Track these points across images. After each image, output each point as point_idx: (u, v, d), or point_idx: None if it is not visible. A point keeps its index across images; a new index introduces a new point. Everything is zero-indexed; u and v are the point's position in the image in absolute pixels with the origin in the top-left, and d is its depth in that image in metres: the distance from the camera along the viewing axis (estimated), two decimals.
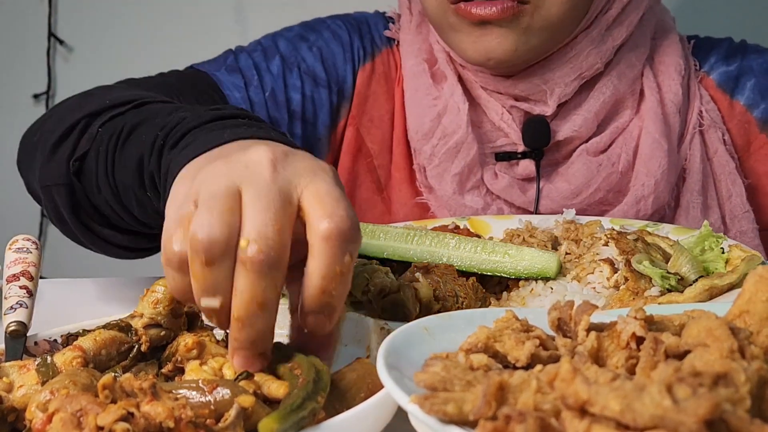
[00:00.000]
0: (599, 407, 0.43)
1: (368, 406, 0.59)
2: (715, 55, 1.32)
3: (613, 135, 1.26)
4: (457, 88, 1.25)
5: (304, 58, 1.30)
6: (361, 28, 1.35)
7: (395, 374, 0.53)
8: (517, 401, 0.47)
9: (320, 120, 1.30)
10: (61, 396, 0.59)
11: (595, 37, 1.21)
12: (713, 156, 1.28)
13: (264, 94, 1.27)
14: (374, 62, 1.33)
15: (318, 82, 1.30)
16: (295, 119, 1.29)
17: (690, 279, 0.90)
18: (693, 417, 0.41)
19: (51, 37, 2.34)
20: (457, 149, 1.24)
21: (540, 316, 0.59)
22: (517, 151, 1.26)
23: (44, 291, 1.15)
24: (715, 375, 0.45)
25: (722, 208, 1.29)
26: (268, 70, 1.29)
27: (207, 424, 0.58)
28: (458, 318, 0.63)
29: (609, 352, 0.52)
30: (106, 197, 0.94)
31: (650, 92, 1.26)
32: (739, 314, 0.53)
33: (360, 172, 1.33)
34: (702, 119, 1.28)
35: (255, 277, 0.60)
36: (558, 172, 1.27)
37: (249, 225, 0.61)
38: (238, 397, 0.60)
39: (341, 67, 1.32)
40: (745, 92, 1.29)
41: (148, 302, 0.73)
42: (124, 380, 0.59)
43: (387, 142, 1.32)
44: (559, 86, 1.22)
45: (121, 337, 0.72)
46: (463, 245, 0.99)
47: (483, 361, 0.52)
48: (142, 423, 0.55)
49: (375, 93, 1.33)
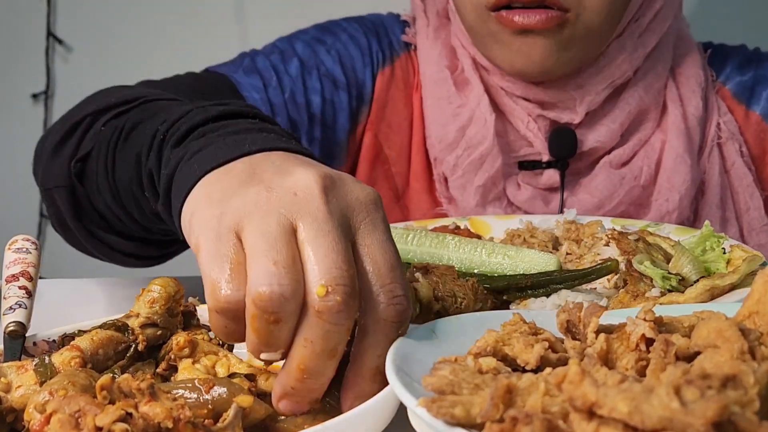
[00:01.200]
0: (607, 409, 0.42)
1: (368, 406, 0.59)
2: (730, 65, 1.31)
3: (635, 147, 1.26)
4: (484, 98, 1.23)
5: (323, 61, 1.27)
6: (378, 32, 1.32)
7: (404, 377, 0.52)
8: (525, 404, 0.47)
9: (339, 124, 1.27)
10: (59, 397, 0.58)
11: (628, 44, 1.21)
12: (731, 168, 1.28)
13: (284, 96, 1.23)
14: (393, 66, 1.31)
15: (338, 85, 1.27)
16: (315, 123, 1.25)
17: (691, 279, 0.90)
18: (701, 419, 0.41)
19: (50, 36, 2.33)
20: (482, 161, 1.23)
21: (548, 318, 0.59)
22: (542, 160, 1.24)
23: (44, 291, 1.15)
24: (724, 377, 0.44)
25: (740, 221, 1.28)
26: (286, 72, 1.25)
27: (206, 424, 0.58)
28: (467, 321, 0.62)
29: (618, 354, 0.51)
30: (106, 199, 0.91)
31: (673, 105, 1.25)
32: (748, 315, 0.53)
33: (378, 179, 1.31)
34: (720, 131, 1.27)
35: (330, 327, 0.56)
36: (581, 183, 1.26)
37: (319, 269, 0.55)
38: (236, 396, 0.60)
39: (360, 70, 1.29)
40: (761, 102, 1.29)
41: (144, 302, 0.74)
42: (122, 381, 0.58)
43: (405, 149, 1.30)
44: (590, 94, 1.21)
45: (118, 337, 0.72)
46: (463, 246, 0.99)
47: (492, 364, 0.52)
48: (140, 423, 0.55)
49: (394, 98, 1.30)
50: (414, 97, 1.31)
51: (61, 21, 2.34)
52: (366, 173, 1.30)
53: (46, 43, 2.33)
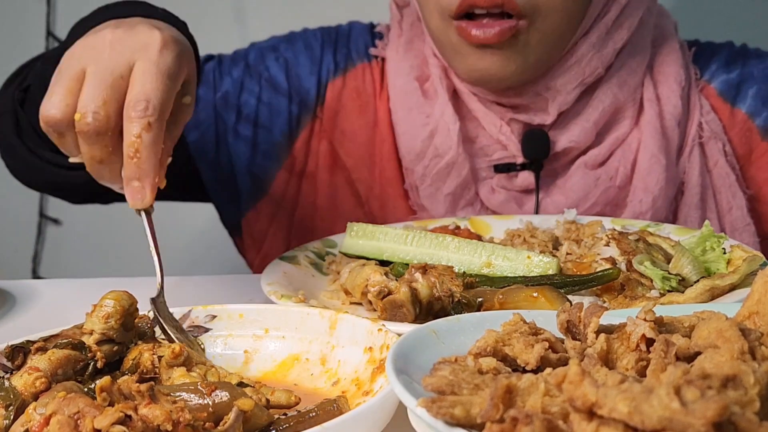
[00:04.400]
0: (607, 409, 0.42)
1: (368, 407, 0.59)
2: (715, 63, 1.30)
3: (612, 147, 1.25)
4: (448, 108, 1.24)
5: (269, 67, 1.35)
6: (338, 42, 1.37)
7: (404, 377, 0.52)
8: (525, 404, 0.47)
9: (277, 126, 1.34)
10: (58, 398, 0.58)
11: (595, 41, 1.20)
12: (713, 168, 1.27)
13: (215, 94, 1.34)
14: (345, 77, 1.34)
15: (278, 90, 1.34)
16: (243, 120, 1.34)
17: (691, 280, 0.90)
18: (701, 419, 0.41)
19: (49, 36, 2.33)
20: (449, 169, 1.24)
21: (548, 318, 0.59)
22: (516, 162, 1.24)
23: (44, 291, 1.15)
24: (724, 377, 0.44)
25: (722, 221, 1.27)
26: (229, 74, 1.35)
27: (206, 427, 0.58)
28: (466, 321, 0.62)
29: (619, 354, 0.51)
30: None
31: (649, 104, 1.24)
32: (748, 315, 0.53)
33: (339, 186, 1.34)
34: (702, 131, 1.26)
35: (86, 142, 0.79)
36: (556, 184, 1.26)
37: (80, 101, 0.78)
38: (237, 400, 0.60)
39: (306, 78, 1.35)
40: (747, 100, 1.27)
41: (97, 317, 0.72)
42: (123, 383, 0.58)
43: (365, 157, 1.33)
44: (560, 94, 1.21)
45: (75, 356, 0.71)
46: (463, 248, 0.99)
47: (492, 364, 0.52)
48: (139, 426, 0.54)
49: (346, 107, 1.34)
50: (378, 106, 1.33)
51: (60, 21, 2.34)
52: (326, 179, 1.34)
53: (46, 43, 2.32)
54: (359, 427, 0.59)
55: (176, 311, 0.81)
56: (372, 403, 0.60)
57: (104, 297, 0.73)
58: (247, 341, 0.80)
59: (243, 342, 0.80)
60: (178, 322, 0.79)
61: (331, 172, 1.34)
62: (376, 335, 0.73)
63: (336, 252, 1.10)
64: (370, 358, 0.72)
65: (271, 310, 0.82)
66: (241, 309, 0.82)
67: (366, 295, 0.89)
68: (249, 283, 1.05)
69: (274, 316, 0.81)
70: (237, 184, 1.35)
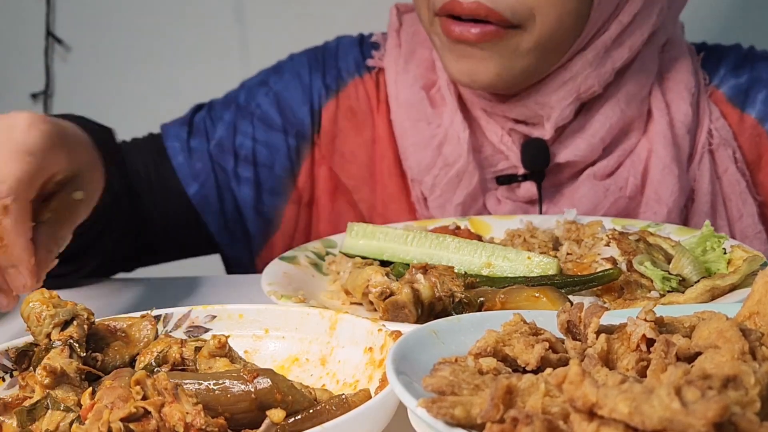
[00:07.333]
0: (608, 410, 0.42)
1: (368, 407, 0.59)
2: (724, 67, 1.28)
3: (620, 158, 1.23)
4: (457, 115, 1.23)
5: (260, 104, 1.34)
6: (326, 62, 1.35)
7: (404, 378, 0.52)
8: (526, 404, 0.47)
9: (278, 162, 1.33)
10: (105, 386, 0.59)
11: (592, 59, 1.18)
12: (723, 174, 1.25)
13: (209, 143, 1.32)
14: (338, 98, 1.33)
15: (273, 127, 1.33)
16: (242, 162, 1.32)
17: (692, 280, 0.89)
18: (702, 419, 0.41)
19: (49, 36, 2.33)
20: (459, 178, 1.22)
21: (548, 318, 0.59)
22: (518, 173, 1.23)
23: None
24: (725, 377, 0.44)
25: (732, 229, 1.25)
26: (221, 119, 1.34)
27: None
28: (467, 321, 0.62)
29: (619, 355, 0.51)
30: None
31: (659, 113, 1.22)
32: (749, 316, 0.53)
33: (342, 211, 1.33)
34: (712, 138, 1.24)
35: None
36: (563, 194, 1.24)
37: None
38: (278, 387, 0.61)
39: (298, 109, 1.33)
40: (756, 105, 1.25)
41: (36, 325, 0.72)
42: (158, 378, 0.58)
43: (365, 176, 1.31)
44: (555, 111, 1.19)
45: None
46: (463, 248, 0.99)
47: (492, 365, 0.52)
48: (153, 424, 0.55)
49: (344, 129, 1.32)
50: (376, 121, 1.31)
51: (60, 20, 2.34)
52: (328, 206, 1.33)
53: (46, 42, 2.33)
54: (359, 427, 0.59)
55: (176, 311, 0.81)
56: (372, 403, 0.59)
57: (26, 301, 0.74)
58: (247, 341, 0.80)
59: (243, 342, 0.80)
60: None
61: (333, 198, 1.33)
62: (376, 335, 0.73)
63: (336, 252, 1.10)
64: (370, 359, 0.72)
65: (271, 310, 0.82)
66: (241, 309, 0.82)
67: (367, 295, 0.88)
68: (249, 283, 1.05)
69: (274, 317, 0.81)
70: (246, 226, 1.34)
